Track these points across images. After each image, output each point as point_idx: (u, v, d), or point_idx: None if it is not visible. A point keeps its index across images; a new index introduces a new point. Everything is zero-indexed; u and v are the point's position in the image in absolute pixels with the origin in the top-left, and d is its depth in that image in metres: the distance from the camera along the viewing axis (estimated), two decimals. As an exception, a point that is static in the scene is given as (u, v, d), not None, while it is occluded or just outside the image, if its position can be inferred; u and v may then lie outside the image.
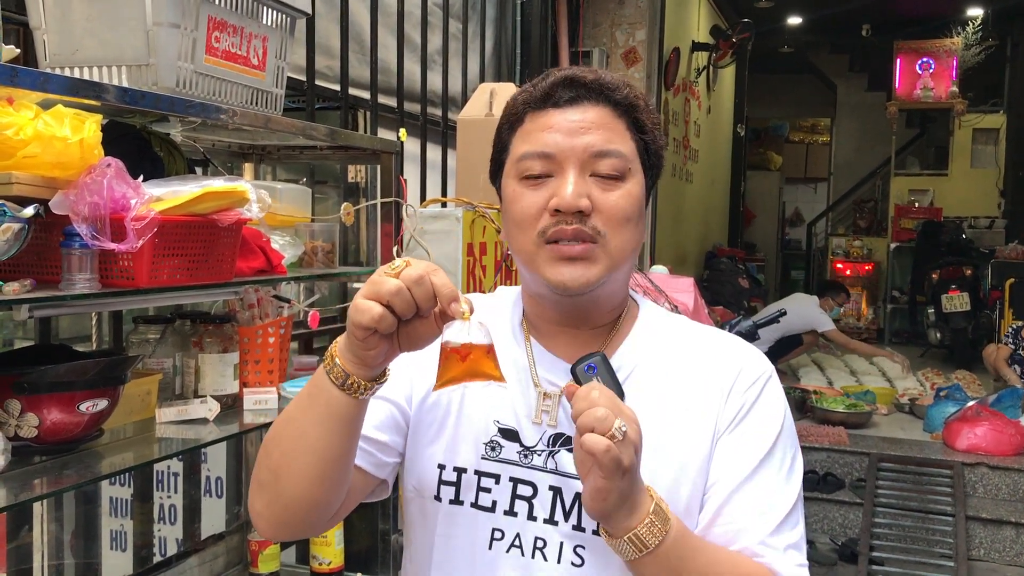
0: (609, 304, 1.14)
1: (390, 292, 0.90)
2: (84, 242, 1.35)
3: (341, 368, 0.96)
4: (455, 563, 1.12)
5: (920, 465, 4.96)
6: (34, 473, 1.45)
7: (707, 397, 1.10)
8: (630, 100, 1.10)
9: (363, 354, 0.94)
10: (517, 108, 1.12)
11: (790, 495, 1.08)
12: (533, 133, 1.09)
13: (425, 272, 0.92)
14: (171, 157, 1.82)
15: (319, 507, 1.04)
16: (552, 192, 1.06)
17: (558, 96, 1.09)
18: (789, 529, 1.06)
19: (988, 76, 10.27)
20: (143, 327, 1.89)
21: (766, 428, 1.09)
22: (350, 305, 0.93)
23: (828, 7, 9.66)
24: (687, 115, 8.40)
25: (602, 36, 6.15)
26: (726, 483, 1.07)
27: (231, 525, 2.61)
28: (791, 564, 1.05)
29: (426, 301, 0.92)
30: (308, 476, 1.01)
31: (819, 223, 12.73)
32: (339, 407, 0.97)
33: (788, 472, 1.09)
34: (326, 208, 3.26)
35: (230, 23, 1.71)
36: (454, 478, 1.12)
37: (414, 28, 3.73)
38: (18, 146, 1.30)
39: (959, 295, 7.96)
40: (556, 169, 1.07)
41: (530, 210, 1.07)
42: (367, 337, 0.92)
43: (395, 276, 0.91)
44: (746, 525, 1.05)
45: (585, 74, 1.10)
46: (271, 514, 1.04)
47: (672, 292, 3.56)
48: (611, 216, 1.06)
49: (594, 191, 1.06)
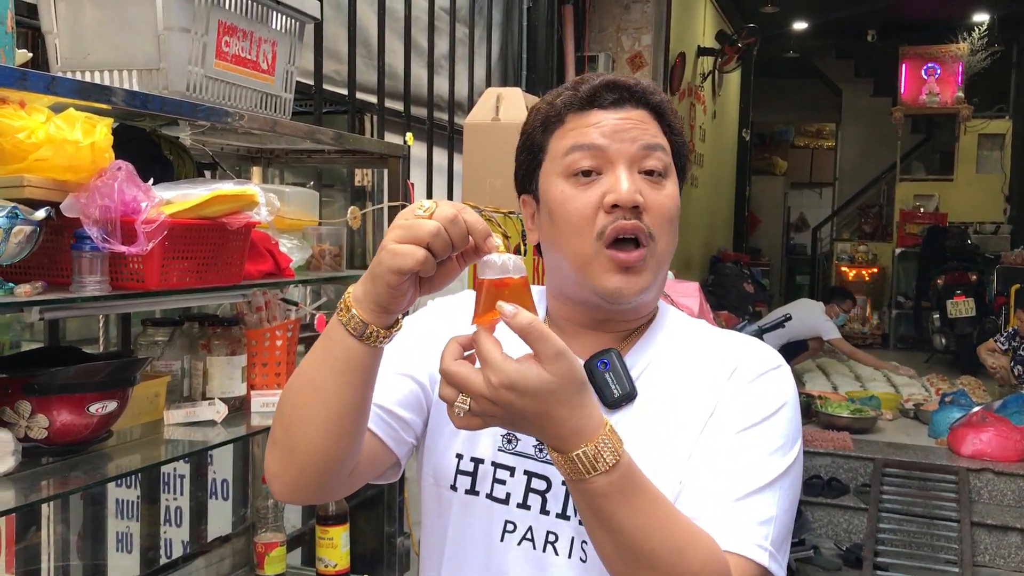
0: (644, 311, 1.15)
1: (430, 233, 0.89)
2: (95, 245, 1.36)
3: (359, 318, 0.94)
4: (468, 553, 1.13)
5: (925, 470, 4.96)
6: (43, 474, 1.46)
7: (712, 389, 1.09)
8: (664, 105, 1.13)
9: (390, 301, 0.93)
10: (556, 109, 1.12)
11: (768, 472, 1.02)
12: (578, 130, 1.10)
13: (457, 211, 0.91)
14: (180, 160, 1.83)
15: (334, 463, 1.02)
16: (605, 190, 1.07)
17: (602, 98, 1.10)
18: (758, 505, 1.01)
19: (994, 81, 10.26)
20: (151, 329, 1.90)
21: (763, 403, 1.06)
22: (381, 251, 0.90)
23: (834, 12, 9.66)
24: (692, 120, 8.41)
25: (608, 41, 6.16)
26: (709, 440, 1.05)
27: (237, 527, 2.62)
28: (746, 539, 0.99)
29: (461, 240, 0.91)
30: (323, 429, 0.99)
31: (824, 228, 12.71)
32: (356, 358, 0.96)
33: (774, 452, 1.04)
34: (333, 212, 3.27)
35: (240, 28, 1.72)
36: (471, 468, 1.13)
37: (421, 33, 3.75)
38: (30, 149, 1.31)
39: (964, 300, 7.95)
40: (606, 165, 1.08)
41: (585, 210, 1.07)
42: (401, 282, 0.91)
43: (428, 217, 0.90)
44: (713, 484, 1.02)
45: (626, 79, 1.13)
46: (285, 473, 1.03)
47: (677, 297, 3.56)
48: (660, 215, 1.08)
49: (644, 188, 1.07)
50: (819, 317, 6.84)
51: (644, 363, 1.12)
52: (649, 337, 1.15)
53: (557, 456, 0.92)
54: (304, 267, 2.09)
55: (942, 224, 9.72)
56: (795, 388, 1.12)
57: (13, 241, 1.27)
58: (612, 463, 0.90)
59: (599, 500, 0.92)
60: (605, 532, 0.94)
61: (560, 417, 0.89)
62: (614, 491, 0.91)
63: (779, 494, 1.03)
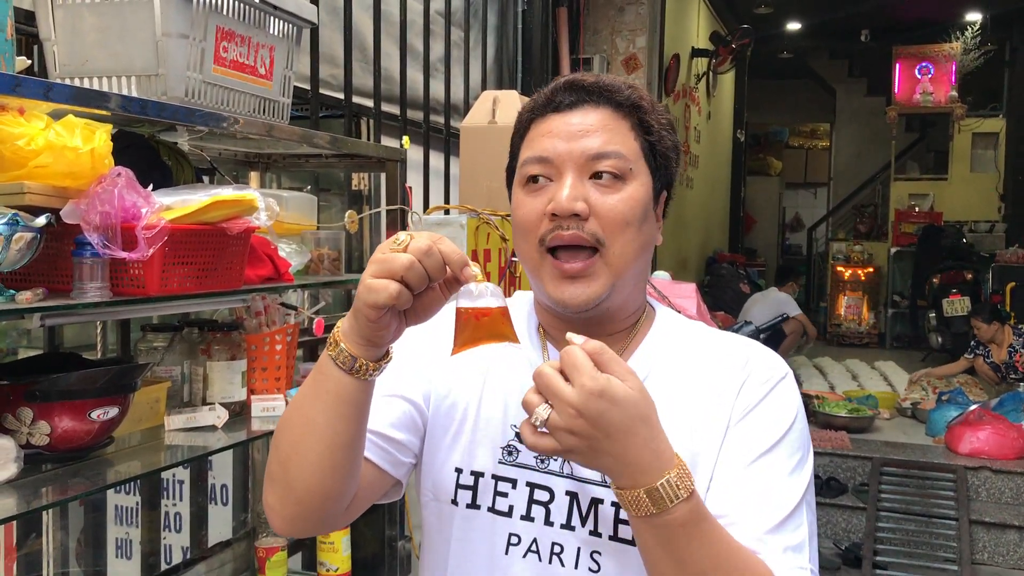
0: (622, 313, 1.14)
1: (403, 267, 0.89)
2: (95, 251, 1.36)
3: (347, 352, 0.94)
4: (471, 568, 1.12)
5: (923, 469, 4.97)
6: (44, 481, 1.46)
7: (720, 397, 1.08)
8: (633, 101, 1.10)
9: (373, 335, 0.93)
10: (523, 117, 1.14)
11: (792, 494, 1.03)
12: (535, 139, 1.10)
13: (432, 242, 0.91)
14: (179, 166, 1.84)
15: (331, 497, 1.02)
16: (550, 196, 1.07)
17: (559, 101, 1.10)
18: (791, 530, 1.01)
19: (987, 80, 10.30)
20: (151, 335, 1.90)
21: (775, 423, 1.06)
22: (359, 286, 0.91)
23: (827, 13, 9.69)
24: (687, 121, 8.42)
25: (602, 43, 6.17)
26: (727, 471, 1.04)
27: (238, 532, 2.62)
28: (789, 566, 0.99)
29: (437, 271, 0.91)
30: (319, 465, 0.99)
31: (819, 228, 12.74)
32: (347, 392, 0.96)
33: (793, 471, 1.04)
34: (330, 216, 3.27)
35: (238, 33, 1.72)
36: (471, 482, 1.12)
37: (416, 36, 3.75)
38: (30, 156, 1.31)
39: (960, 299, 7.98)
40: (555, 173, 1.07)
41: (530, 216, 1.08)
42: (380, 316, 0.91)
43: (403, 250, 0.90)
44: (742, 518, 1.01)
45: (585, 77, 1.11)
46: (284, 508, 1.03)
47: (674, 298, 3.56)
48: (609, 220, 1.05)
49: (592, 194, 1.06)
50: (777, 297, 7.19)
51: (646, 369, 1.11)
52: (648, 342, 1.15)
53: (633, 493, 0.89)
54: (303, 271, 2.09)
55: (937, 223, 9.75)
56: (799, 395, 1.12)
57: (14, 248, 1.27)
58: (691, 489, 0.90)
59: (677, 531, 0.90)
60: (674, 563, 0.92)
61: (643, 437, 0.88)
62: (692, 519, 0.90)
63: (804, 509, 1.04)
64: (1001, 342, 6.43)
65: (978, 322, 6.54)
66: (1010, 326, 6.53)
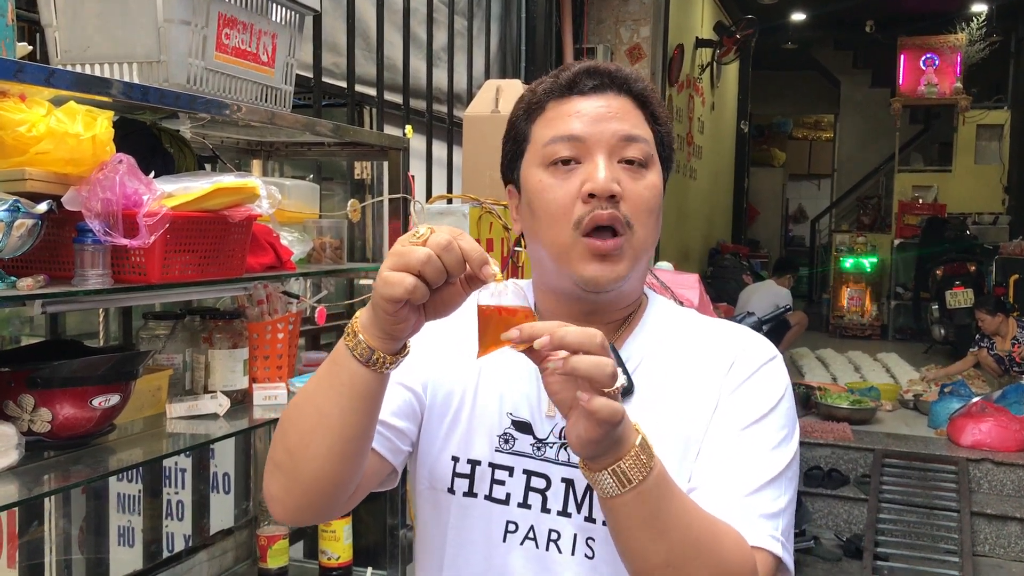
0: (627, 300, 1.14)
1: (420, 261, 0.88)
2: (97, 238, 1.36)
3: (365, 344, 0.93)
4: (468, 556, 1.12)
5: (925, 461, 4.97)
6: (46, 468, 1.46)
7: (710, 381, 1.10)
8: (647, 92, 1.12)
9: (392, 328, 0.92)
10: (537, 97, 1.12)
11: (775, 465, 1.05)
12: (558, 119, 1.09)
13: (452, 237, 0.89)
14: (181, 153, 1.83)
15: (338, 487, 1.02)
16: (582, 179, 1.06)
17: (582, 84, 1.09)
18: (769, 500, 1.03)
19: (992, 72, 10.26)
20: (153, 323, 1.90)
21: (763, 398, 1.08)
22: (376, 278, 0.90)
23: (832, 3, 9.65)
24: (691, 112, 8.40)
25: (606, 33, 6.15)
26: (713, 441, 1.06)
27: (240, 520, 2.62)
28: (758, 530, 1.01)
29: (456, 267, 0.90)
30: (329, 455, 0.98)
31: (823, 220, 12.72)
32: (363, 384, 0.96)
33: (778, 445, 1.06)
34: (332, 205, 3.26)
35: (240, 20, 1.72)
36: (468, 470, 1.12)
37: (420, 25, 3.74)
38: (31, 142, 1.31)
39: (963, 291, 7.97)
40: (584, 154, 1.07)
41: (563, 200, 1.06)
42: (398, 310, 0.90)
43: (421, 244, 0.89)
44: (722, 482, 1.03)
45: (607, 65, 1.12)
46: (289, 497, 1.03)
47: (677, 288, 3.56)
48: (638, 205, 1.07)
49: (623, 177, 1.06)
50: (772, 288, 7.21)
51: (639, 356, 1.12)
52: (641, 329, 1.15)
53: (616, 465, 0.90)
54: (305, 260, 2.09)
55: (941, 215, 9.73)
56: (788, 377, 1.14)
57: (15, 235, 1.27)
58: (652, 454, 0.93)
59: (655, 493, 0.92)
60: (657, 534, 0.93)
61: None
62: (663, 481, 0.93)
63: (784, 484, 1.05)
64: (1005, 334, 6.43)
65: (982, 314, 6.54)
66: (1014, 318, 6.54)
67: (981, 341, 6.54)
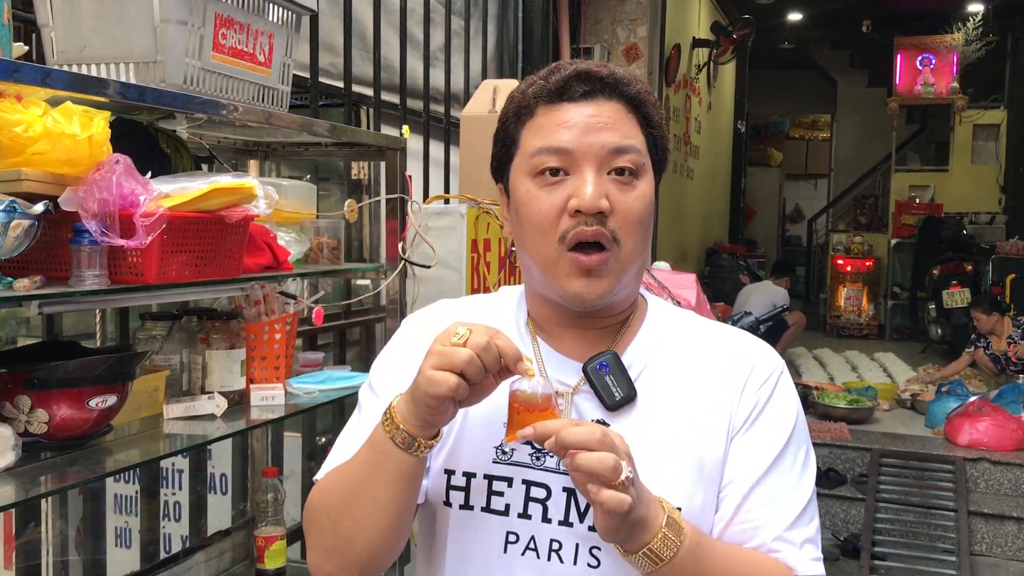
0: (621, 306, 1.14)
1: (464, 361, 0.94)
2: (93, 238, 1.35)
3: (406, 433, 1.00)
4: (469, 567, 1.11)
5: (922, 460, 4.97)
6: (42, 469, 1.45)
7: (720, 395, 1.09)
8: (642, 95, 1.09)
9: (432, 419, 0.99)
10: (527, 100, 1.09)
11: (804, 490, 1.09)
12: (547, 128, 1.07)
13: (490, 337, 0.96)
14: (178, 154, 1.83)
15: (394, 552, 1.11)
16: (570, 192, 1.04)
17: (573, 90, 1.06)
18: (804, 524, 1.07)
19: (989, 72, 10.28)
20: (150, 324, 1.90)
21: (780, 425, 1.09)
22: (419, 376, 0.97)
23: (829, 3, 9.66)
24: (688, 111, 8.41)
25: (603, 32, 6.15)
26: (742, 482, 1.07)
27: (237, 521, 2.62)
28: (807, 558, 1.06)
29: (494, 365, 0.96)
30: (384, 534, 1.07)
31: (820, 219, 12.73)
32: (407, 467, 1.03)
33: (802, 468, 1.10)
34: (330, 205, 3.26)
35: (237, 20, 1.71)
36: (463, 483, 1.11)
37: (417, 25, 3.73)
38: (27, 143, 1.30)
39: (960, 291, 7.99)
40: (572, 166, 1.05)
41: (549, 213, 1.05)
42: (440, 404, 0.97)
43: (462, 345, 0.95)
44: (763, 522, 1.06)
45: (599, 68, 1.08)
46: (345, 572, 1.10)
47: (675, 288, 3.56)
48: (627, 218, 1.05)
49: (612, 191, 1.04)
50: (769, 288, 7.32)
51: (642, 363, 1.11)
52: (643, 335, 1.14)
53: (647, 548, 0.96)
54: (302, 260, 2.08)
55: (937, 215, 9.74)
56: (794, 385, 1.16)
57: (11, 235, 1.27)
58: (681, 528, 0.99)
59: (689, 560, 0.98)
60: None
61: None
62: (697, 548, 0.99)
63: (815, 503, 1.11)
64: (1001, 333, 6.45)
65: (978, 313, 6.56)
66: (1010, 317, 6.55)
67: (977, 341, 6.55)
